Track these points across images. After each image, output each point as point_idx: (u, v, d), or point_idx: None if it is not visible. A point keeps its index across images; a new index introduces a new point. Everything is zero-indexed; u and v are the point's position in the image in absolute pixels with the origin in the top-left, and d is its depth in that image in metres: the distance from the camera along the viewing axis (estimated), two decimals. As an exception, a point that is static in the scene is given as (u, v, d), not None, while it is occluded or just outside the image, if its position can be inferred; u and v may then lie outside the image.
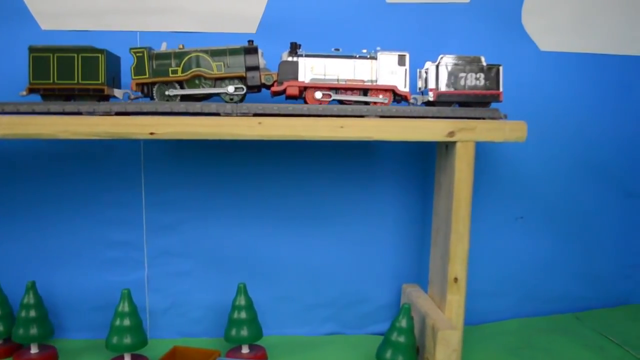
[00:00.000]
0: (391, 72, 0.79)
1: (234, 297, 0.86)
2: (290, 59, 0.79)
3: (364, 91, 0.80)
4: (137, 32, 0.90)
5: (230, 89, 0.78)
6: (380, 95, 0.80)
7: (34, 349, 0.85)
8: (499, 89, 0.80)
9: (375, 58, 0.79)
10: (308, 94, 0.79)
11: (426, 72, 0.82)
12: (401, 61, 0.80)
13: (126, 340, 0.81)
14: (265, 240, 0.97)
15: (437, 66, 0.79)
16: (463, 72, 0.79)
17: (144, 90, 0.79)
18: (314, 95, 0.79)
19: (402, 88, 0.80)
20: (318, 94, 0.79)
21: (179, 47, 0.78)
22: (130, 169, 0.93)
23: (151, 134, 0.75)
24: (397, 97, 0.81)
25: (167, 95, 0.78)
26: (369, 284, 0.99)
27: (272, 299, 0.97)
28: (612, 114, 1.01)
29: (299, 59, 0.79)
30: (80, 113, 0.76)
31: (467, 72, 0.79)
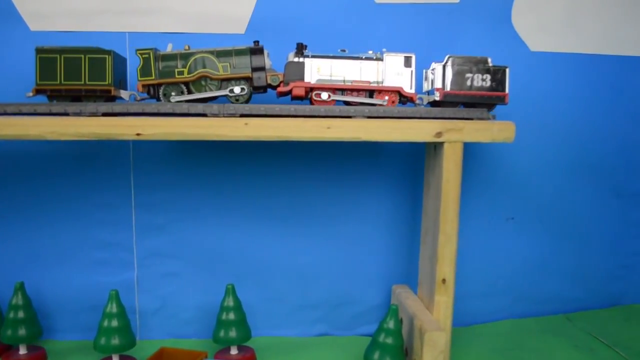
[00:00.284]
0: (397, 74, 0.79)
1: (222, 298, 0.86)
2: (296, 59, 0.79)
3: (370, 92, 0.80)
4: (126, 33, 0.90)
5: (236, 89, 0.78)
6: (385, 97, 0.80)
7: (22, 350, 0.85)
8: (505, 90, 0.80)
9: (381, 59, 0.79)
10: (314, 95, 0.79)
11: (432, 72, 0.81)
12: (407, 62, 0.79)
13: (114, 341, 0.81)
14: (255, 241, 0.96)
15: (444, 66, 0.79)
16: (469, 73, 0.79)
17: (150, 91, 0.78)
18: (320, 96, 0.79)
19: (408, 89, 0.80)
20: (324, 95, 0.79)
21: (185, 48, 0.78)
22: (119, 170, 0.92)
23: (137, 134, 0.75)
24: (402, 99, 0.81)
25: (174, 94, 0.78)
26: (359, 284, 0.99)
27: (262, 300, 0.97)
28: (603, 114, 1.01)
29: (305, 60, 0.79)
30: (67, 114, 0.76)
31: (473, 73, 0.79)
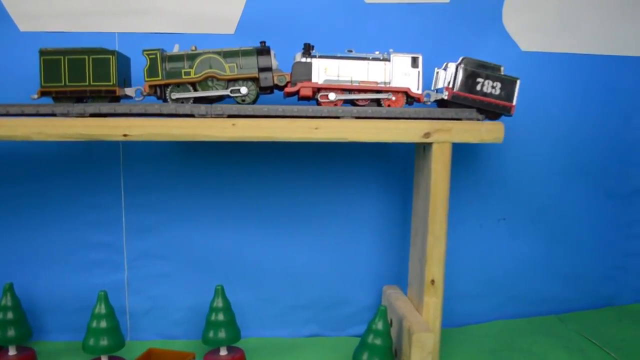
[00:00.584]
0: (404, 74, 0.79)
1: (211, 299, 0.86)
2: (303, 59, 0.79)
3: (377, 93, 0.80)
4: (116, 34, 0.90)
5: (243, 90, 0.77)
6: (393, 97, 0.79)
7: (12, 351, 0.85)
8: (512, 102, 0.79)
9: (388, 60, 0.79)
10: (321, 95, 0.79)
11: (445, 70, 0.81)
12: (414, 63, 0.79)
13: (103, 342, 0.81)
14: (246, 241, 0.96)
15: (457, 66, 0.78)
16: (481, 78, 0.78)
17: (157, 92, 0.78)
18: (327, 97, 0.79)
19: (415, 90, 0.80)
20: (332, 95, 0.79)
21: (192, 48, 0.78)
22: (109, 171, 0.92)
23: (124, 135, 0.75)
24: (409, 99, 0.81)
25: (181, 95, 0.77)
26: (350, 285, 0.99)
27: (253, 301, 0.97)
28: (595, 114, 1.00)
29: (313, 60, 0.79)
30: (55, 114, 0.76)
31: (484, 79, 0.78)
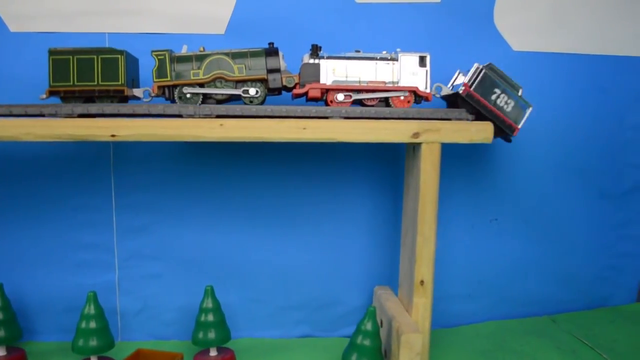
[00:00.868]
0: (412, 73, 0.79)
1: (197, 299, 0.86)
2: (311, 61, 0.79)
3: (386, 92, 0.80)
4: (106, 34, 0.90)
5: (251, 91, 0.78)
6: (401, 97, 0.79)
7: (1, 352, 0.85)
8: (519, 125, 0.79)
9: (396, 59, 0.79)
10: (330, 96, 0.79)
11: (470, 70, 0.80)
12: (422, 62, 0.79)
13: (92, 342, 0.81)
14: (237, 242, 0.96)
15: (482, 68, 0.78)
16: (498, 89, 0.78)
17: (166, 93, 0.78)
18: (335, 97, 0.79)
19: (423, 89, 0.80)
20: (340, 96, 0.79)
21: (200, 49, 0.78)
22: (100, 172, 0.92)
23: (112, 136, 0.75)
24: (417, 98, 0.81)
25: (189, 95, 0.77)
26: (342, 286, 0.99)
27: (244, 301, 0.97)
28: (587, 114, 1.00)
29: (321, 61, 0.79)
30: (43, 115, 0.76)
31: (501, 92, 0.78)
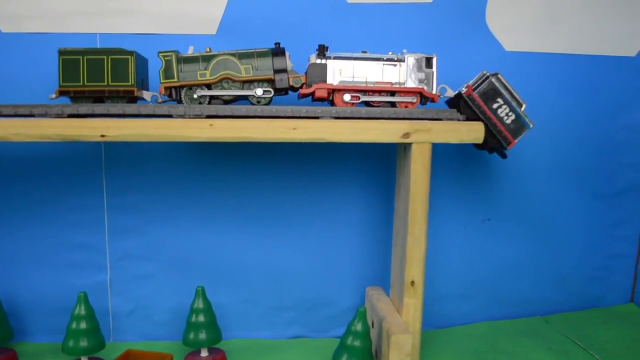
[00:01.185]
0: (418, 74, 0.79)
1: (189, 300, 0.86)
2: (318, 61, 0.79)
3: (392, 93, 0.80)
4: (97, 34, 0.90)
5: (258, 91, 0.78)
6: (409, 98, 0.80)
7: (-7, 352, 0.85)
8: (515, 139, 0.79)
9: (402, 60, 0.79)
10: (336, 97, 0.79)
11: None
12: (428, 63, 0.80)
13: (83, 343, 0.81)
14: (229, 242, 0.96)
15: (489, 75, 0.78)
16: (501, 100, 0.77)
17: (172, 94, 0.78)
18: (342, 97, 0.79)
19: (428, 90, 0.80)
20: (347, 97, 0.79)
21: (206, 50, 0.78)
22: (91, 172, 0.92)
23: (102, 136, 0.75)
24: (423, 100, 0.81)
25: (197, 97, 0.77)
26: (334, 286, 0.98)
27: (236, 302, 0.97)
28: (579, 114, 1.00)
29: (328, 62, 0.79)
30: (33, 115, 0.76)
31: (504, 103, 0.77)
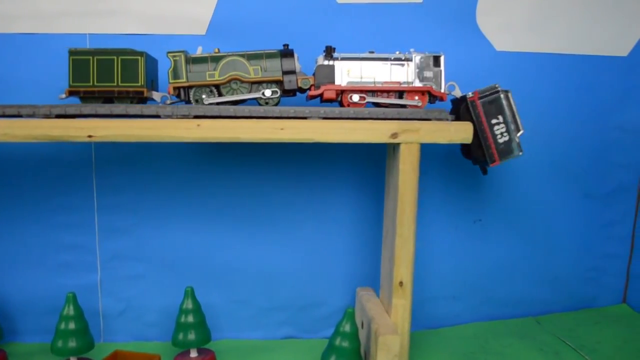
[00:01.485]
0: (426, 73, 0.79)
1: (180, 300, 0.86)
2: (326, 62, 0.79)
3: (400, 93, 0.80)
4: (87, 35, 0.90)
5: (267, 92, 0.78)
6: (416, 97, 0.80)
7: (-18, 353, 0.85)
8: (500, 161, 0.79)
9: (410, 59, 0.79)
10: (345, 97, 0.79)
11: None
12: (436, 62, 0.79)
13: (72, 343, 0.81)
14: (220, 243, 0.96)
15: (499, 91, 0.78)
16: (502, 117, 0.79)
17: (181, 94, 0.78)
18: (350, 98, 0.79)
19: (437, 88, 0.80)
20: (355, 97, 0.79)
21: (215, 51, 0.78)
22: (81, 172, 0.92)
23: (89, 136, 0.75)
24: (432, 99, 0.81)
25: (204, 96, 0.78)
26: (325, 287, 0.98)
27: (227, 303, 0.97)
28: (570, 114, 0.99)
29: (335, 63, 0.79)
30: (21, 115, 0.76)
31: (503, 122, 0.78)
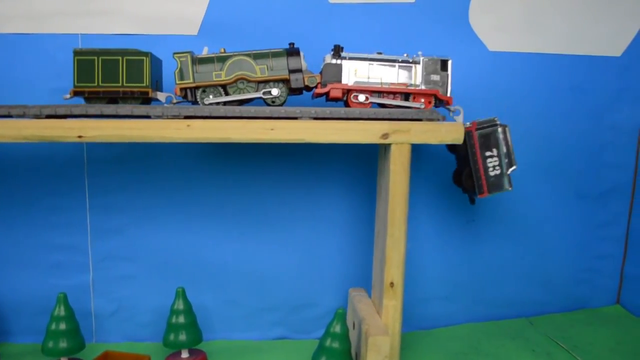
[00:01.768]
0: (433, 77, 0.79)
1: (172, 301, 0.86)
2: (333, 61, 0.79)
3: (406, 95, 0.80)
4: (79, 35, 0.89)
5: (274, 91, 0.78)
6: (422, 100, 0.79)
7: (-27, 353, 0.85)
8: (490, 193, 0.81)
9: (417, 62, 0.79)
10: (350, 97, 0.79)
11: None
12: (444, 66, 0.79)
13: (62, 344, 0.81)
14: (212, 243, 0.96)
15: (498, 125, 0.79)
16: (496, 151, 0.79)
17: (188, 94, 0.78)
18: (357, 98, 0.79)
19: (443, 93, 0.80)
20: (361, 97, 0.79)
21: (221, 51, 0.78)
22: (73, 172, 0.92)
23: (79, 137, 0.75)
24: (438, 102, 0.81)
25: (211, 96, 0.78)
26: (317, 287, 0.98)
27: (219, 303, 0.96)
28: (563, 114, 0.99)
29: (343, 62, 0.79)
30: (10, 116, 0.76)
31: (497, 156, 0.79)
